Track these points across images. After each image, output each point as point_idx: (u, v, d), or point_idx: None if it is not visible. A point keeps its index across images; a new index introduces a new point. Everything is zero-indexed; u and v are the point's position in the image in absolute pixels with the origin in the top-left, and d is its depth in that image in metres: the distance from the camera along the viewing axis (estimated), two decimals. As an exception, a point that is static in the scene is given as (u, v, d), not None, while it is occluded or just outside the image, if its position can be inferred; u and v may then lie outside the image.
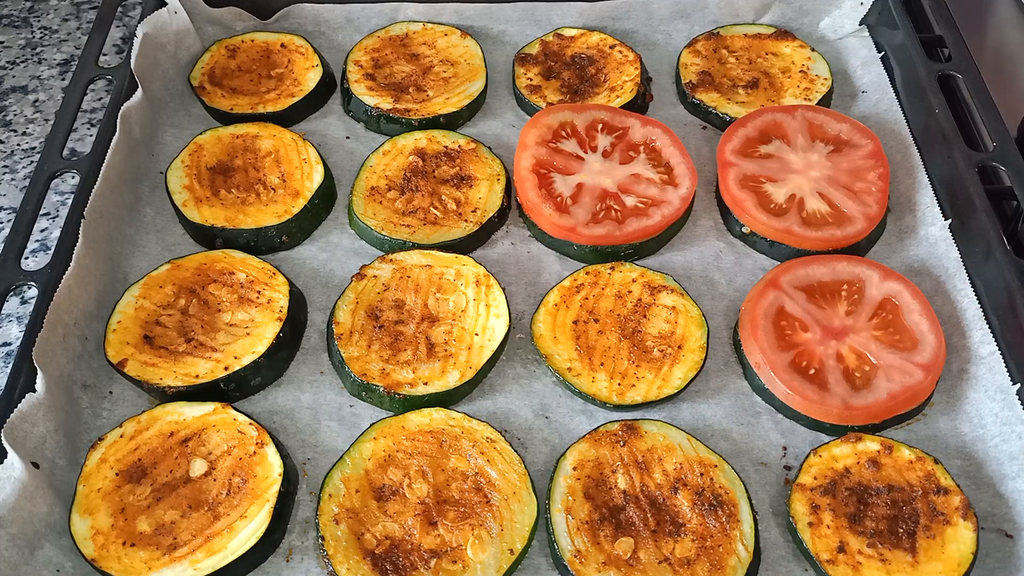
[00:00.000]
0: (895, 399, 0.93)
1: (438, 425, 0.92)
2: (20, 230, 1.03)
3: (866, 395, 0.94)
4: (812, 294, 1.03)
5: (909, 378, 0.95)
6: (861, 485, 0.89)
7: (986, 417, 0.95)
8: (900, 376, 0.95)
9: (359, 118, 1.26)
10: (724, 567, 0.83)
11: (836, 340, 0.99)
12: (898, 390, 0.94)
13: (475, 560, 0.84)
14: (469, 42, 1.32)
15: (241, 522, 0.85)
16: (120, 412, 0.97)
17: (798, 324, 1.00)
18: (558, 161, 1.15)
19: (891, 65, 1.28)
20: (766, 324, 0.99)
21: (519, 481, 0.88)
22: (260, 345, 0.97)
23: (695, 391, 1.00)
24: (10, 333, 1.13)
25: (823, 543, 0.85)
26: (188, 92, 1.28)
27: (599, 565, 0.83)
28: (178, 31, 1.28)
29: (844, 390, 0.94)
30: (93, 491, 0.87)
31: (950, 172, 1.11)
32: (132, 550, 0.84)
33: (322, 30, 1.38)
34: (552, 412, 0.98)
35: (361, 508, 0.87)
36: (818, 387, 0.95)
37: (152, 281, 1.02)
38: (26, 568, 0.82)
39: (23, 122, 1.40)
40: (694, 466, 0.89)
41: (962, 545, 0.84)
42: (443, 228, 1.10)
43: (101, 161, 1.07)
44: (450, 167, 1.16)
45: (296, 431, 0.96)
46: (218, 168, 1.15)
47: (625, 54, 1.30)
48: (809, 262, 1.05)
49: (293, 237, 1.12)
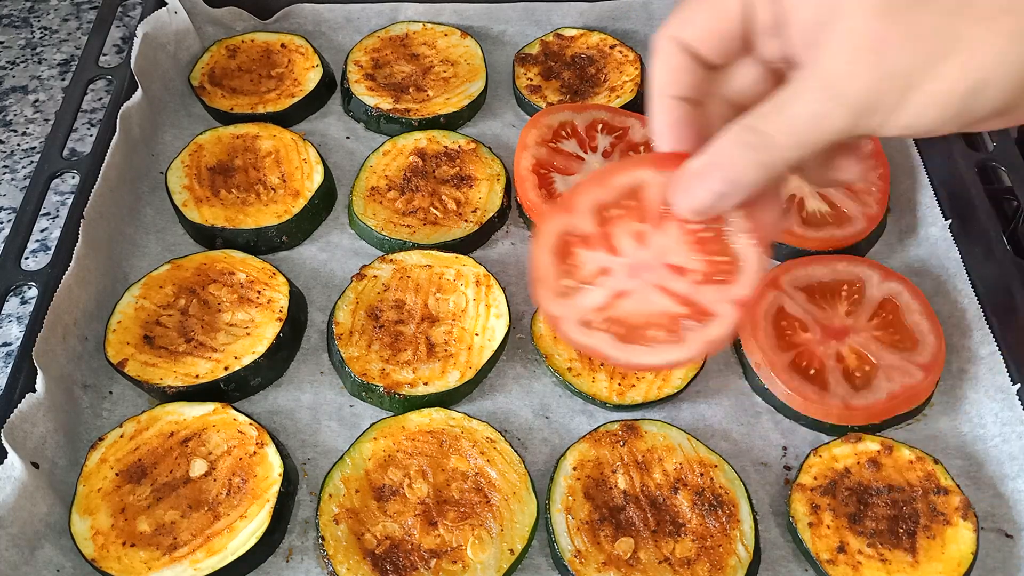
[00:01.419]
0: (895, 399, 0.93)
1: (438, 425, 0.92)
2: (20, 230, 1.03)
3: (866, 395, 0.94)
4: (812, 294, 1.03)
5: (909, 378, 0.95)
6: (861, 485, 0.89)
7: (986, 417, 0.95)
8: (900, 376, 0.95)
9: (359, 118, 1.26)
10: (724, 567, 0.83)
11: (836, 340, 0.99)
12: (898, 390, 0.94)
13: (475, 560, 0.84)
14: (469, 42, 1.32)
15: (241, 522, 0.85)
16: (120, 412, 0.97)
17: (798, 324, 1.00)
18: (558, 161, 1.15)
19: (891, 65, 1.28)
20: (766, 324, 0.99)
21: (519, 481, 0.88)
22: (260, 345, 0.97)
23: (695, 391, 1.00)
24: (10, 333, 1.13)
25: (823, 543, 0.85)
26: (188, 92, 1.28)
27: (599, 565, 0.83)
28: (178, 31, 1.28)
29: (844, 390, 0.94)
30: (93, 491, 0.87)
31: (950, 172, 1.11)
32: (132, 550, 0.84)
33: (322, 30, 1.38)
34: (552, 412, 0.98)
35: (361, 508, 0.87)
36: (818, 387, 0.95)
37: (152, 281, 1.02)
38: (26, 568, 0.82)
39: (23, 122, 1.40)
40: (694, 466, 0.89)
41: (962, 545, 0.84)
42: (443, 228, 1.10)
43: (101, 161, 1.07)
44: (450, 167, 1.16)
45: (296, 431, 0.96)
46: (218, 168, 1.15)
47: (625, 54, 1.30)
48: (809, 262, 1.05)
49: (293, 237, 1.12)
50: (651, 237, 0.76)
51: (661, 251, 0.76)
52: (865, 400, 0.93)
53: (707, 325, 0.75)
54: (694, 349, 0.74)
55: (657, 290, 0.77)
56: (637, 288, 0.77)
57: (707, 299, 0.75)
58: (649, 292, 0.77)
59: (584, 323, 0.77)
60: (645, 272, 0.77)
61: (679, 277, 0.76)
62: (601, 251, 0.78)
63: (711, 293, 0.75)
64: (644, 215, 0.76)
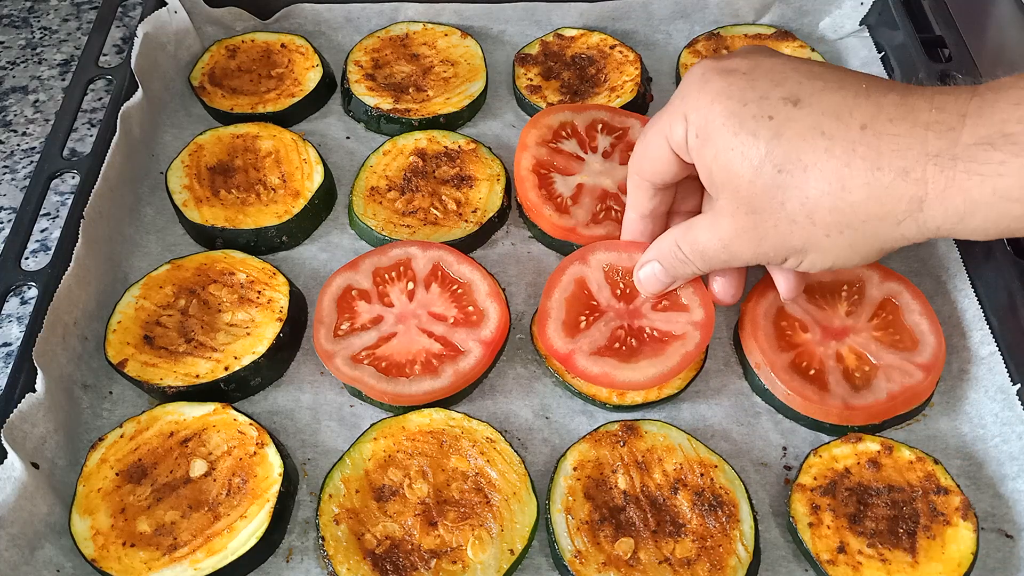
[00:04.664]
0: (895, 399, 0.93)
1: (438, 425, 0.92)
2: (20, 230, 1.03)
3: (866, 395, 0.94)
4: (812, 294, 1.03)
5: (909, 378, 0.95)
6: (861, 485, 0.89)
7: (986, 417, 0.95)
8: (900, 376, 0.95)
9: (359, 118, 1.26)
10: (724, 567, 0.83)
11: (836, 340, 0.99)
12: (898, 390, 0.94)
13: (475, 560, 0.84)
14: (469, 42, 1.32)
15: (241, 522, 0.85)
16: (120, 412, 0.97)
17: (798, 324, 1.00)
18: (558, 161, 1.15)
19: (891, 65, 1.28)
20: (766, 324, 0.99)
21: (519, 481, 0.88)
22: (260, 345, 0.97)
23: (695, 391, 1.00)
24: (10, 333, 1.13)
25: (823, 543, 0.85)
26: (188, 92, 1.28)
27: (599, 565, 0.83)
28: (178, 31, 1.28)
29: (844, 390, 0.94)
30: (93, 491, 0.87)
31: (950, 172, 1.11)
32: (132, 550, 0.84)
33: (322, 30, 1.38)
34: (552, 412, 0.98)
35: (361, 508, 0.87)
36: (818, 387, 0.95)
37: (152, 281, 1.02)
38: (26, 568, 0.82)
39: (23, 122, 1.40)
40: (694, 466, 0.89)
41: (962, 545, 0.84)
42: (443, 228, 1.10)
43: (101, 161, 1.07)
44: (450, 167, 1.16)
45: (296, 431, 0.96)
46: (218, 168, 1.15)
47: (625, 54, 1.30)
48: (809, 262, 1.05)
49: (293, 237, 1.12)
50: (417, 293, 1.01)
51: (425, 303, 1.00)
52: (865, 400, 0.93)
53: (458, 360, 0.95)
54: (448, 380, 0.93)
55: (420, 332, 0.98)
56: (403, 331, 0.98)
57: (459, 339, 0.97)
58: (414, 334, 0.98)
59: (354, 359, 0.95)
60: (411, 319, 0.99)
61: (438, 322, 0.99)
62: (376, 303, 1.01)
63: (463, 334, 0.97)
64: (413, 277, 1.02)
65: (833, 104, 0.75)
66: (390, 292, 1.02)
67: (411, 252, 1.03)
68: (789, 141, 0.75)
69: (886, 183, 0.72)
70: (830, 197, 0.74)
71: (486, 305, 0.99)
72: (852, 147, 0.73)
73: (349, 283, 1.01)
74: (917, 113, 0.71)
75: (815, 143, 0.74)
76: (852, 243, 0.77)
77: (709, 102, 0.79)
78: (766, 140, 0.76)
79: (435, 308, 1.00)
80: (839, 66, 0.81)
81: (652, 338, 0.97)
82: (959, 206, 0.71)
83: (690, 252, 0.89)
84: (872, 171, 0.72)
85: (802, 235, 0.78)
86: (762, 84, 0.78)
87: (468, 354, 0.95)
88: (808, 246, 0.79)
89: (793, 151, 0.75)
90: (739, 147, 0.77)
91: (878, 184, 0.72)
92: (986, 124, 0.68)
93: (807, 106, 0.75)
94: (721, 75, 0.80)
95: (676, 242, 0.90)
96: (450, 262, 1.03)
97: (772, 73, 0.78)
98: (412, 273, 1.02)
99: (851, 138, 0.73)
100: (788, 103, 0.76)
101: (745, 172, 0.77)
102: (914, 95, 0.73)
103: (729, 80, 0.79)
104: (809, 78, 0.77)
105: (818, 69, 0.78)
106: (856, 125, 0.73)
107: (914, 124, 0.71)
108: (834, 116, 0.74)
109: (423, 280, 1.02)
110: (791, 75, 0.78)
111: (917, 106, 0.72)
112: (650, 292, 0.98)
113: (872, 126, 0.72)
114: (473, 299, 1.00)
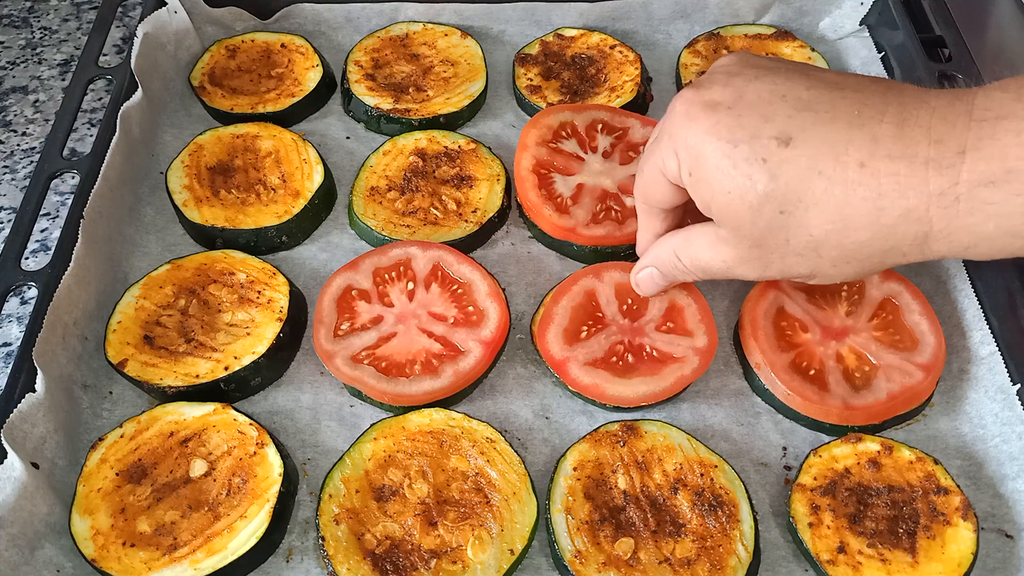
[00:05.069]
0: (895, 399, 0.93)
1: (438, 425, 0.92)
2: (20, 230, 1.03)
3: (866, 395, 0.94)
4: (812, 294, 1.03)
5: (909, 378, 0.95)
6: (861, 485, 0.89)
7: (986, 417, 0.95)
8: (900, 376, 0.95)
9: (359, 118, 1.26)
10: (724, 567, 0.83)
11: (836, 340, 0.99)
12: (898, 390, 0.94)
13: (475, 560, 0.84)
14: (469, 42, 1.32)
15: (241, 522, 0.85)
16: (120, 412, 0.97)
17: (798, 324, 1.00)
18: (558, 161, 1.15)
19: (891, 65, 1.28)
20: (766, 324, 0.99)
21: (519, 481, 0.88)
22: (260, 345, 0.97)
23: (695, 391, 1.00)
24: (10, 333, 1.13)
25: (823, 543, 0.85)
26: (188, 92, 1.28)
27: (599, 565, 0.83)
28: (178, 31, 1.28)
29: (844, 390, 0.94)
30: (93, 491, 0.87)
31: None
32: (132, 550, 0.84)
33: (322, 30, 1.38)
34: (552, 412, 0.98)
35: (361, 508, 0.87)
36: (818, 387, 0.95)
37: (152, 281, 1.02)
38: (26, 568, 0.82)
39: (23, 122, 1.40)
40: (694, 466, 0.89)
41: (962, 545, 0.84)
42: (443, 228, 1.10)
43: (101, 161, 1.07)
44: (450, 167, 1.16)
45: (296, 431, 0.96)
46: (218, 168, 1.15)
47: (625, 54, 1.30)
48: (809, 262, 1.05)
49: (293, 237, 1.12)
50: (417, 293, 1.01)
51: (425, 303, 1.00)
52: (865, 400, 0.93)
53: (458, 360, 0.95)
54: (448, 380, 0.93)
55: (420, 332, 0.98)
56: (403, 331, 0.98)
57: (459, 339, 0.97)
58: (413, 334, 0.98)
59: (354, 359, 0.95)
60: (411, 319, 0.99)
61: (438, 322, 0.99)
62: (376, 303, 1.01)
63: (463, 334, 0.97)
64: (414, 277, 1.02)
65: (827, 141, 0.72)
66: (390, 292, 1.02)
67: (411, 252, 1.03)
68: (787, 184, 0.74)
69: (890, 223, 0.72)
70: (836, 235, 0.74)
71: (486, 305, 0.99)
72: (852, 188, 0.72)
73: (349, 283, 1.02)
74: (916, 147, 0.70)
75: (813, 184, 0.73)
76: (858, 271, 0.78)
77: (698, 141, 0.77)
78: (763, 183, 0.74)
79: (435, 308, 1.00)
80: (829, 77, 0.77)
81: (651, 357, 0.97)
82: (963, 240, 0.71)
83: (690, 265, 0.88)
84: (875, 211, 0.72)
85: (808, 265, 0.79)
86: (750, 120, 0.75)
87: (468, 354, 0.95)
88: (814, 273, 0.80)
89: (792, 193, 0.74)
90: (736, 191, 0.76)
91: (882, 224, 0.72)
92: (986, 159, 0.67)
93: (800, 144, 0.73)
94: (705, 111, 0.77)
95: (675, 253, 0.90)
96: (450, 262, 1.03)
97: (758, 105, 0.75)
98: (412, 273, 1.02)
99: (850, 178, 0.72)
100: (780, 144, 0.73)
101: (745, 214, 0.77)
102: (909, 123, 0.71)
103: (715, 118, 0.76)
104: (798, 109, 0.74)
105: (805, 95, 0.75)
106: (854, 163, 0.71)
107: (913, 161, 0.70)
108: (830, 155, 0.72)
109: (423, 280, 1.02)
110: (779, 106, 0.75)
111: (914, 139, 0.70)
112: (647, 293, 0.99)
113: (870, 164, 0.71)
114: (473, 299, 1.00)
